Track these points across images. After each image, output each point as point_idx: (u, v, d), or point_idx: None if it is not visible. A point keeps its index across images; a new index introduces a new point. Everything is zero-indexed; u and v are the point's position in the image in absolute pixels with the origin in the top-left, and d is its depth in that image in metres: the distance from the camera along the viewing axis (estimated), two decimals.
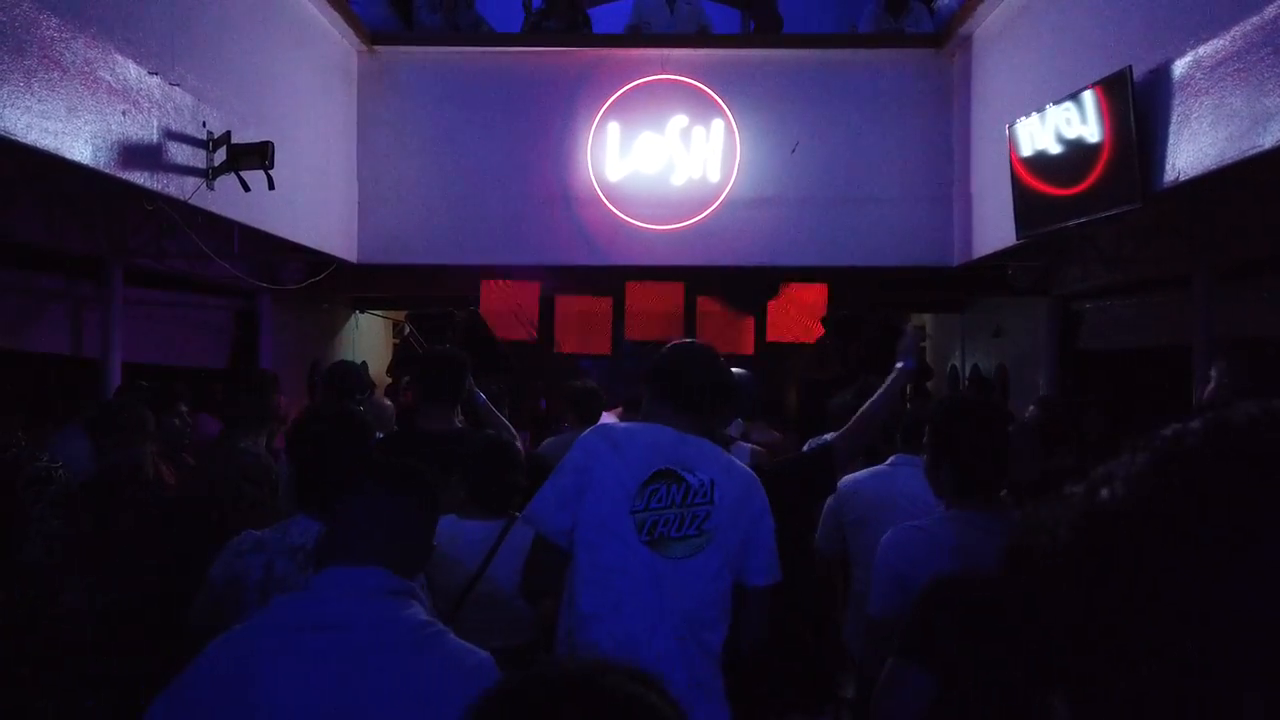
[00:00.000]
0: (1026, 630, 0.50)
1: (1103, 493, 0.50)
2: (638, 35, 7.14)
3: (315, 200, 6.15)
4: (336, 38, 6.53)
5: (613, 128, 6.85)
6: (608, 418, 5.23)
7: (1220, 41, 3.73)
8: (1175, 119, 4.05)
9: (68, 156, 3.52)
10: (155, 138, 4.14)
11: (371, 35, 6.80)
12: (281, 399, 4.31)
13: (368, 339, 9.28)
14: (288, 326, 7.43)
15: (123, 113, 3.87)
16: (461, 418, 3.49)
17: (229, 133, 4.58)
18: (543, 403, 9.12)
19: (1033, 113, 5.01)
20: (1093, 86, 4.45)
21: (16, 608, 2.42)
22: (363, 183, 6.89)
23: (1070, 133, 4.70)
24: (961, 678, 1.75)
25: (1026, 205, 5.22)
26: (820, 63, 6.96)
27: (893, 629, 2.32)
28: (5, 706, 2.30)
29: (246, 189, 4.64)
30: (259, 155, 4.47)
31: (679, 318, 7.25)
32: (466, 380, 3.36)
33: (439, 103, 6.93)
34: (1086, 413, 5.28)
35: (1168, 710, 0.44)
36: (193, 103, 4.46)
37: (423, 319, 7.88)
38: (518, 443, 3.33)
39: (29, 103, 3.30)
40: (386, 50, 6.92)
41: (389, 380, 8.29)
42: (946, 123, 6.88)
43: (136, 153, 3.98)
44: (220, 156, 4.54)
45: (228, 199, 4.70)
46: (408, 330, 8.27)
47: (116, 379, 5.15)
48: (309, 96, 6.08)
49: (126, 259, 5.34)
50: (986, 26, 6.33)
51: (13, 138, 3.22)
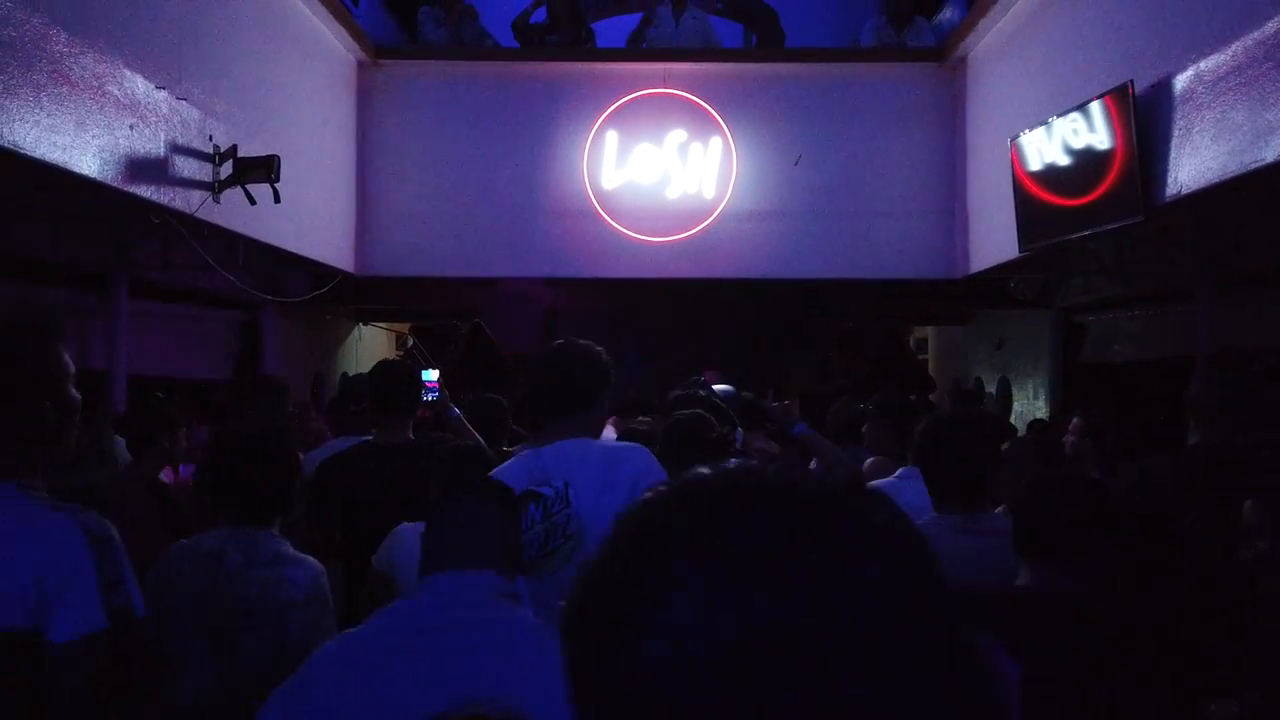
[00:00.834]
0: None
1: None
2: (640, 49, 7.17)
3: (319, 213, 6.17)
4: (342, 52, 6.57)
5: (611, 136, 6.87)
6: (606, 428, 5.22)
7: (1222, 55, 3.75)
8: (1177, 133, 4.07)
9: (76, 170, 3.54)
10: (162, 151, 4.16)
11: (376, 49, 6.84)
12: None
13: (371, 351, 9.29)
14: (291, 339, 7.44)
15: (130, 126, 3.89)
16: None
17: (235, 146, 4.61)
18: None
19: (1038, 125, 5.03)
20: (1102, 96, 4.46)
21: None
22: (366, 195, 6.92)
23: (1078, 143, 4.70)
24: None
25: (1029, 218, 5.23)
26: (822, 76, 6.99)
27: None
28: None
29: (252, 202, 4.66)
30: (265, 168, 4.49)
31: (682, 331, 7.27)
32: (420, 393, 3.39)
33: (443, 116, 6.96)
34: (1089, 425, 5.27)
35: None
36: (199, 116, 4.48)
37: (426, 331, 7.89)
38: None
39: (38, 116, 3.32)
40: (391, 64, 6.96)
41: None
42: (949, 136, 6.91)
43: (143, 166, 4.00)
44: (226, 170, 4.56)
45: (233, 212, 4.72)
46: (411, 342, 8.29)
47: (122, 391, 5.16)
48: (314, 110, 6.11)
49: (131, 271, 5.35)
50: (988, 41, 6.36)
51: (22, 151, 3.24)
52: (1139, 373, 6.57)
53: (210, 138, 4.55)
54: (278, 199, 4.67)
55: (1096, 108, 4.50)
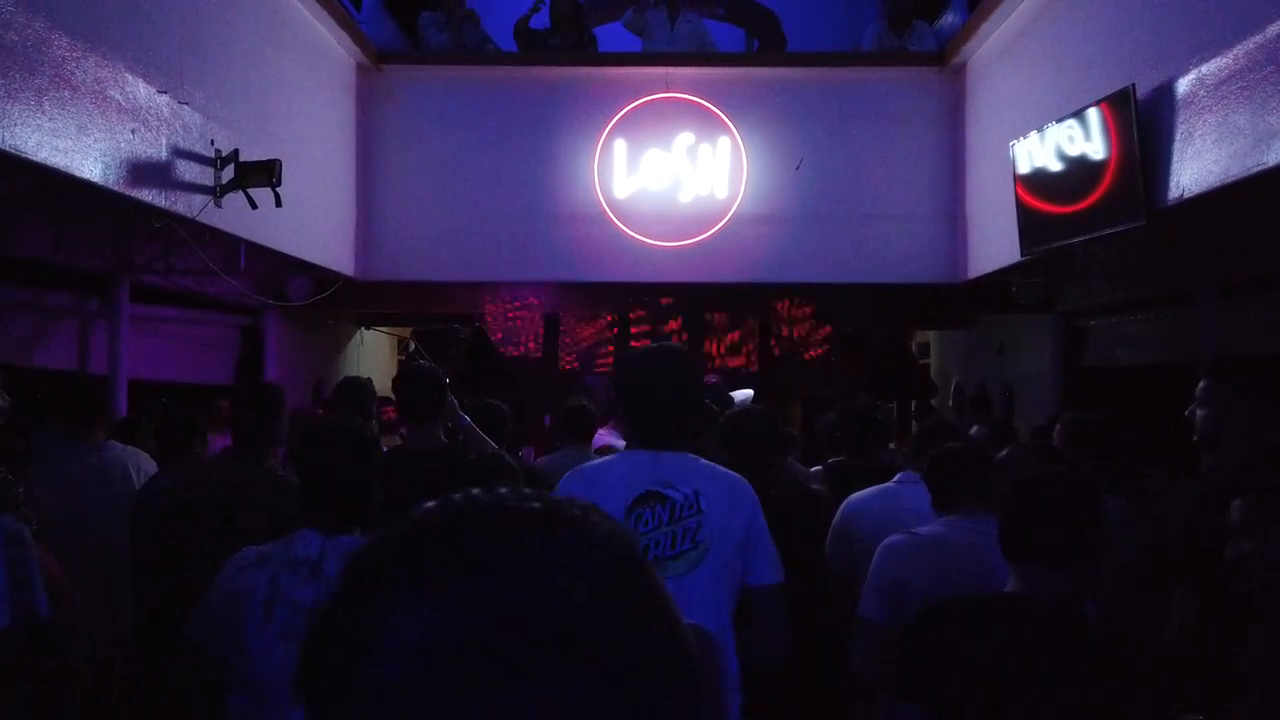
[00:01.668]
0: None
1: None
2: (642, 54, 7.18)
3: (321, 217, 6.18)
4: (344, 56, 6.58)
5: (619, 145, 6.88)
6: (603, 433, 5.21)
7: (1223, 59, 3.74)
8: (1179, 136, 4.06)
9: (78, 174, 3.55)
10: (164, 155, 4.16)
11: (378, 53, 6.85)
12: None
13: (373, 355, 9.29)
14: (293, 343, 7.45)
15: (132, 131, 3.90)
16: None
17: (236, 150, 4.61)
18: (546, 419, 9.12)
19: (1032, 132, 5.03)
20: (1099, 104, 4.46)
21: None
22: (368, 199, 6.92)
23: (1073, 150, 4.71)
24: (966, 710, 1.74)
25: (1029, 223, 5.23)
26: (824, 81, 7.00)
27: (873, 629, 2.51)
28: None
29: (254, 206, 4.67)
30: (266, 173, 4.49)
31: (684, 335, 7.26)
32: (448, 397, 3.36)
33: (445, 120, 6.97)
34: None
35: None
36: (201, 121, 4.49)
37: (427, 335, 7.89)
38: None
39: (40, 121, 3.33)
40: (393, 68, 6.97)
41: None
42: (950, 140, 6.91)
43: (145, 170, 4.01)
44: (228, 174, 4.57)
45: (234, 216, 4.72)
46: (413, 347, 8.29)
47: (123, 395, 5.16)
48: (316, 114, 6.12)
49: (133, 275, 5.36)
50: (989, 45, 6.36)
51: (24, 155, 3.25)
52: (1143, 377, 6.55)
53: (212, 142, 4.55)
54: (279, 203, 4.67)
55: (1093, 114, 4.50)
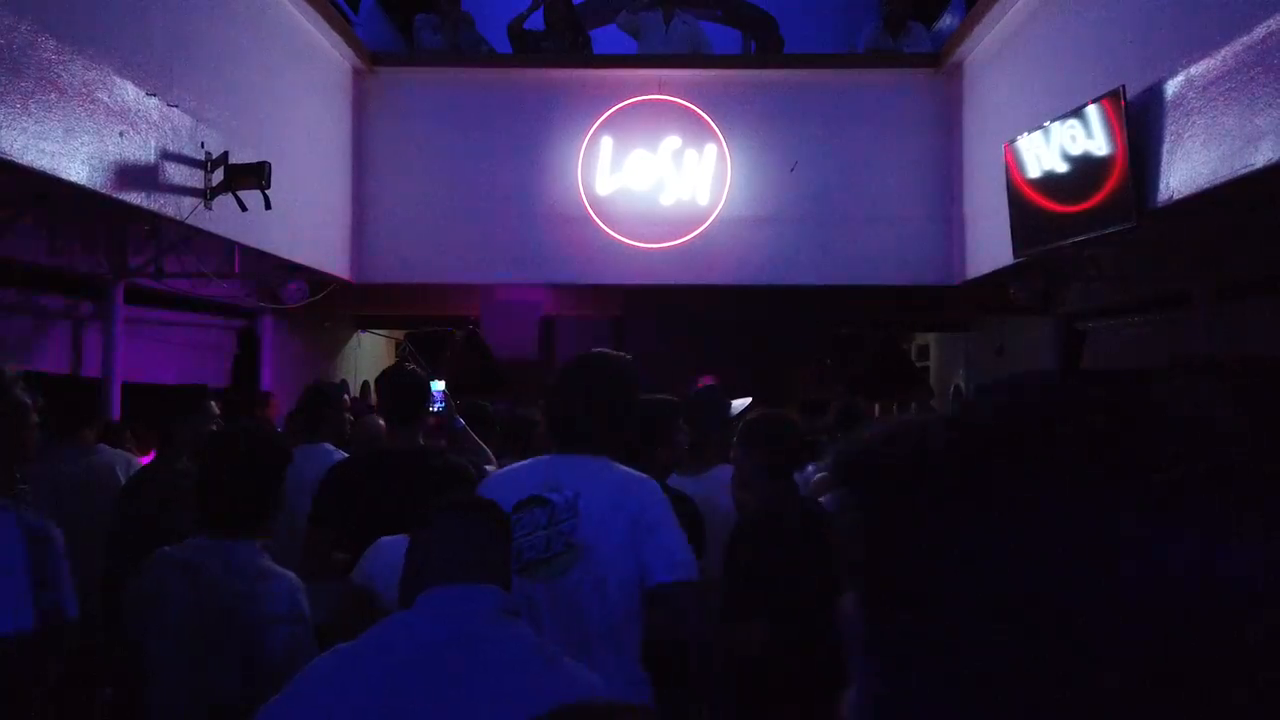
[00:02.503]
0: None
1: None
2: (635, 55, 7.18)
3: (314, 219, 6.19)
4: (337, 58, 6.59)
5: (605, 142, 6.88)
6: None
7: (1212, 61, 3.73)
8: (1169, 138, 4.05)
9: (64, 177, 3.56)
10: (153, 158, 4.17)
11: (372, 55, 6.86)
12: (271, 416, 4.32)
13: (369, 358, 9.30)
14: (289, 346, 7.45)
15: (120, 134, 3.91)
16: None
17: (226, 153, 4.62)
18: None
19: (1035, 130, 5.00)
20: (1098, 100, 4.44)
21: None
22: (362, 202, 6.93)
23: (1076, 149, 4.67)
24: None
25: (1024, 224, 5.21)
26: (818, 83, 6.99)
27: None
28: None
29: (243, 209, 4.67)
30: (256, 175, 4.50)
31: (683, 337, 7.25)
32: (429, 402, 3.37)
33: (439, 122, 6.97)
34: None
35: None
36: (191, 123, 4.50)
37: (420, 338, 7.90)
38: (489, 466, 3.32)
39: (26, 124, 3.33)
40: (387, 70, 6.98)
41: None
42: (945, 142, 6.89)
43: (134, 173, 4.02)
44: (218, 177, 4.57)
45: (226, 219, 4.73)
46: (406, 349, 8.30)
47: (117, 398, 5.17)
48: (309, 116, 6.13)
49: (127, 278, 5.36)
50: (983, 47, 6.35)
51: (9, 158, 3.25)
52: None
53: (202, 144, 4.56)
54: (269, 205, 4.68)
55: (1093, 111, 4.48)
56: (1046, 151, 4.92)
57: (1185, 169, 3.92)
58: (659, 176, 6.90)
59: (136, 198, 4.03)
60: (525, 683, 1.48)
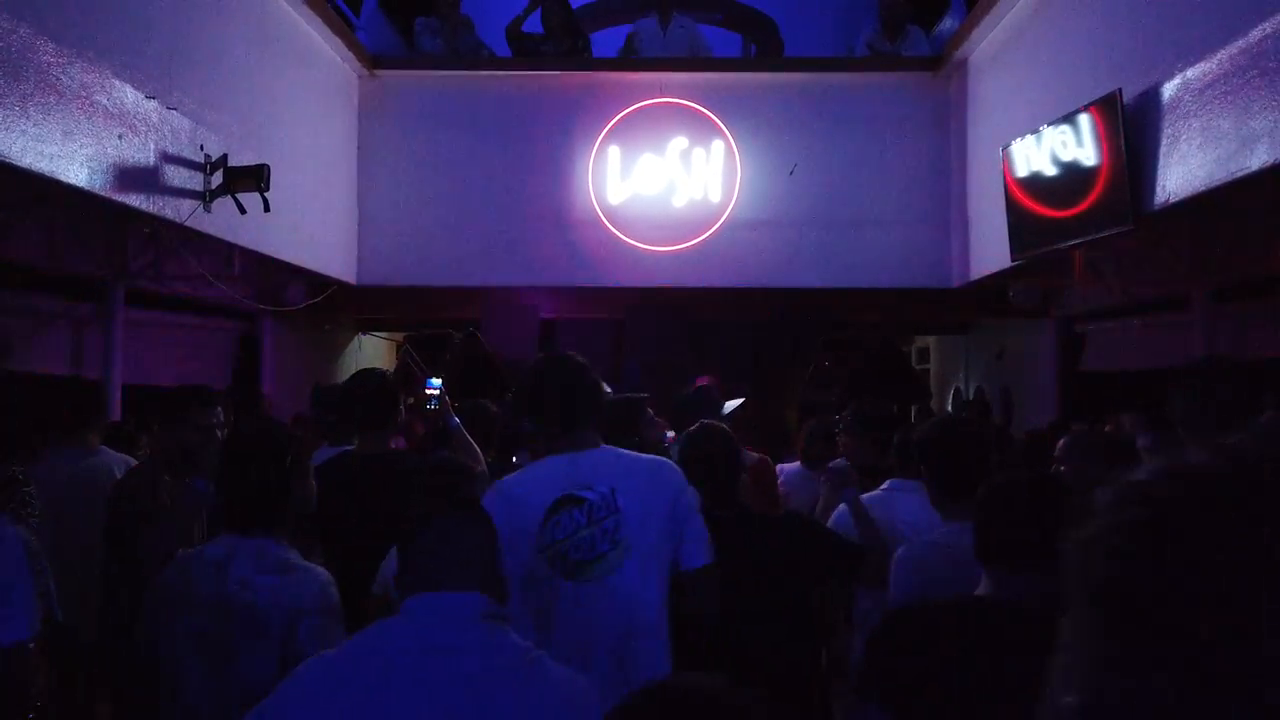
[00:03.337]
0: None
1: None
2: (636, 59, 7.20)
3: (315, 222, 6.20)
4: (338, 62, 6.61)
5: (613, 151, 6.91)
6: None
7: (1207, 64, 3.74)
8: (1165, 141, 4.05)
9: (63, 179, 3.57)
10: (152, 161, 4.19)
11: (373, 59, 6.88)
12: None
13: (371, 361, 9.30)
14: (290, 348, 7.46)
15: (119, 136, 3.92)
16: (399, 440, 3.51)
17: (226, 156, 4.63)
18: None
19: (1028, 134, 5.02)
20: (1088, 108, 4.46)
21: None
22: (363, 205, 6.95)
23: (1066, 155, 4.70)
24: (916, 710, 1.73)
25: (1020, 227, 5.22)
26: (818, 86, 7.00)
27: None
28: None
29: (243, 211, 4.69)
30: (254, 178, 4.52)
31: (682, 339, 7.25)
32: (396, 406, 3.36)
33: (439, 125, 6.99)
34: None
35: None
36: (190, 126, 4.51)
37: (420, 340, 7.90)
38: (480, 466, 3.32)
39: (25, 126, 3.35)
40: (387, 74, 7.00)
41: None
42: (944, 145, 6.90)
43: (133, 176, 4.03)
44: (217, 179, 4.59)
45: (226, 222, 4.74)
46: (406, 352, 8.30)
47: (117, 400, 5.18)
48: (309, 119, 6.15)
49: (128, 281, 5.38)
50: (982, 50, 6.36)
51: (8, 161, 3.27)
52: (1140, 382, 6.52)
53: (201, 147, 4.58)
54: (267, 208, 4.69)
55: (1084, 119, 4.49)
56: (1039, 155, 4.93)
57: (1182, 171, 3.93)
58: (669, 179, 6.93)
59: (136, 200, 4.05)
60: (509, 690, 1.48)
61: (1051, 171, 4.85)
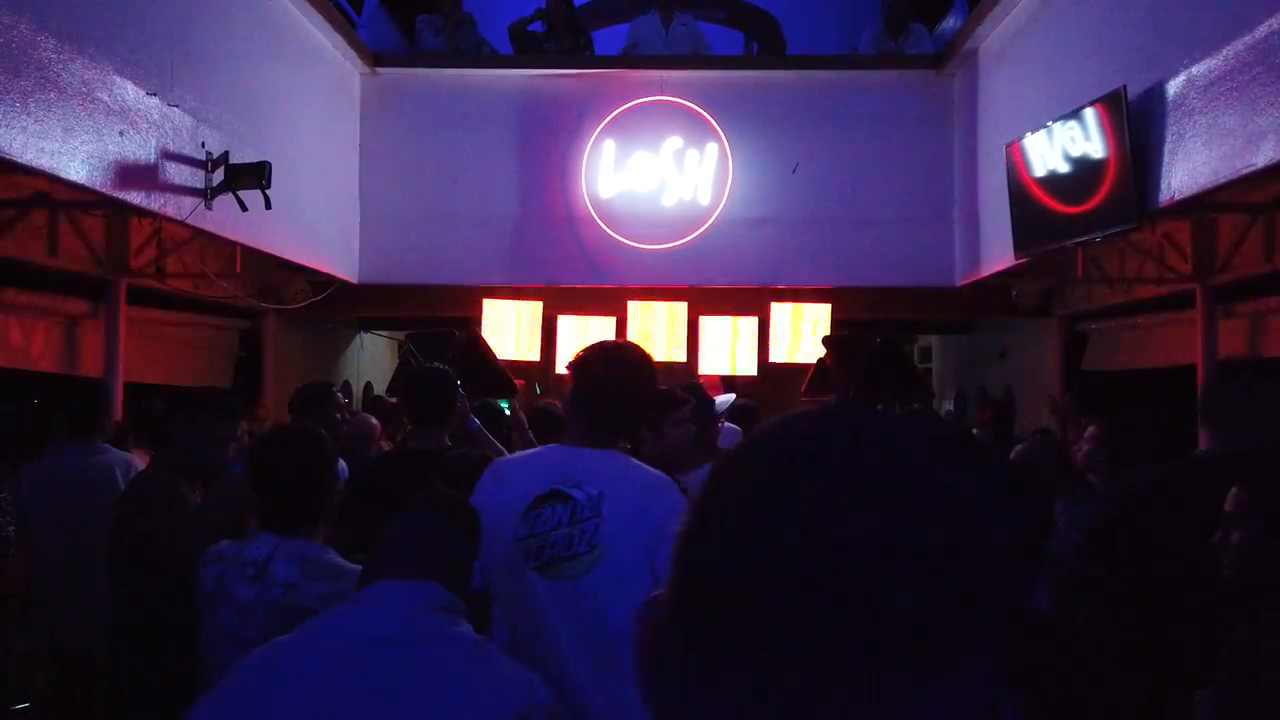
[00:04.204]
0: None
1: None
2: (637, 57, 7.18)
3: (317, 220, 6.19)
4: (339, 59, 6.59)
5: (608, 145, 6.90)
6: None
7: (1213, 61, 3.72)
8: (1170, 138, 4.04)
9: (64, 176, 3.56)
10: (153, 158, 4.18)
11: (374, 57, 6.86)
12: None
13: (372, 358, 9.31)
14: (291, 346, 7.45)
15: (120, 133, 3.91)
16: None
17: (227, 153, 4.62)
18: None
19: (1039, 129, 4.98)
20: (1094, 104, 4.43)
21: None
22: (364, 202, 6.93)
23: (1075, 150, 4.66)
24: None
25: (1025, 224, 5.19)
26: (820, 84, 6.99)
27: None
28: None
29: (244, 208, 4.67)
30: (256, 175, 4.50)
31: (681, 337, 7.23)
32: (458, 400, 3.35)
33: (441, 123, 6.98)
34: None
35: None
36: (191, 123, 4.50)
37: (421, 338, 7.88)
38: None
39: (25, 123, 3.34)
40: (389, 72, 6.99)
41: (391, 400, 8.29)
42: (946, 143, 6.89)
43: (133, 172, 4.02)
44: (219, 177, 4.58)
45: (227, 219, 4.73)
46: (407, 350, 8.28)
47: (118, 398, 5.17)
48: (311, 117, 6.14)
49: (129, 279, 5.37)
50: (986, 48, 6.34)
51: (9, 157, 3.26)
52: (1142, 380, 6.51)
53: (203, 144, 4.56)
54: (269, 205, 4.68)
55: (1090, 114, 4.47)
56: (1050, 151, 4.90)
57: (1187, 168, 3.91)
58: (661, 178, 6.92)
59: (137, 197, 4.04)
60: (455, 681, 1.48)
61: (1064, 167, 4.80)
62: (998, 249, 5.88)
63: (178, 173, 4.38)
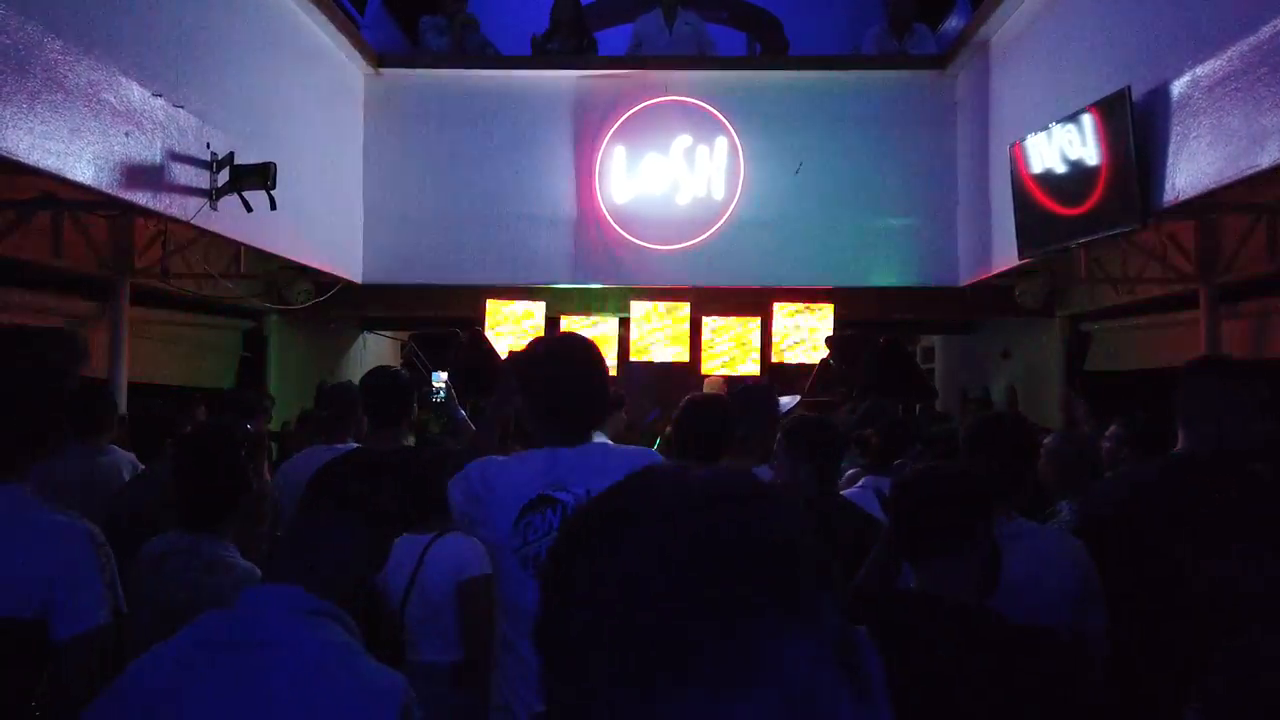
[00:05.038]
0: None
1: None
2: (642, 57, 7.19)
3: (321, 220, 6.20)
4: (343, 60, 6.60)
5: (618, 151, 6.91)
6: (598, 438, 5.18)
7: (1218, 61, 3.72)
8: (1174, 138, 4.04)
9: (70, 177, 3.57)
10: (158, 159, 4.18)
11: (379, 58, 6.87)
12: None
13: (376, 359, 9.30)
14: (295, 346, 7.47)
15: (126, 134, 3.92)
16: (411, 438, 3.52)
17: (232, 154, 4.63)
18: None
19: (1039, 130, 4.99)
20: (1090, 109, 4.44)
21: None
22: (369, 203, 6.94)
23: (1073, 153, 4.68)
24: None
25: (1029, 224, 5.20)
26: (824, 84, 6.99)
27: None
28: None
29: (249, 209, 4.68)
30: (261, 176, 4.51)
31: (684, 338, 7.24)
32: (413, 402, 3.37)
33: (445, 124, 6.99)
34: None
35: None
36: (197, 124, 4.51)
37: (425, 338, 7.89)
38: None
39: (32, 124, 3.35)
40: (393, 73, 7.00)
41: None
42: (950, 143, 6.89)
43: (139, 173, 4.03)
44: (224, 177, 4.58)
45: (232, 220, 4.74)
46: (410, 350, 8.30)
47: (123, 399, 5.18)
48: (315, 118, 6.15)
49: (133, 279, 5.38)
50: (990, 47, 6.34)
51: (15, 158, 3.27)
52: (1146, 380, 6.50)
53: (208, 145, 4.57)
54: (273, 206, 4.68)
55: (1086, 119, 4.49)
56: (1050, 152, 4.91)
57: (1191, 169, 3.91)
58: (673, 178, 6.94)
59: (142, 198, 4.05)
60: (317, 684, 1.47)
61: (1061, 169, 4.82)
62: (1002, 249, 5.88)
63: (183, 173, 4.39)
